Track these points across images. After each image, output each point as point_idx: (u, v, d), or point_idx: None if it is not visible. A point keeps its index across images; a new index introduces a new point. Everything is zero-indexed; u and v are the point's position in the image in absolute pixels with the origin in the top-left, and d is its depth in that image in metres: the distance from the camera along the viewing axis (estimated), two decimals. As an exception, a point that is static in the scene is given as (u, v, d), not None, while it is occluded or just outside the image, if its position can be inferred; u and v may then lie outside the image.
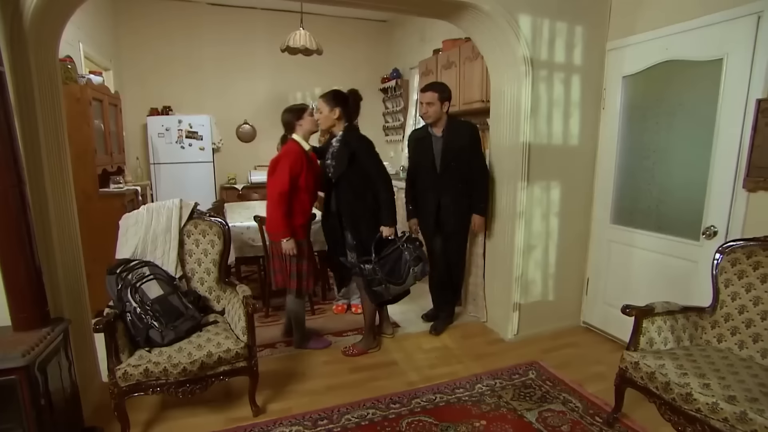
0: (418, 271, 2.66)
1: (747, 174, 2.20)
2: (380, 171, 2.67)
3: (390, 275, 2.63)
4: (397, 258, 2.66)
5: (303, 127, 2.65)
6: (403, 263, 2.66)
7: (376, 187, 2.65)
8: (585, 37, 2.92)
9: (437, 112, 2.86)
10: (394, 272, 2.64)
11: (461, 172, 2.92)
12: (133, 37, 5.27)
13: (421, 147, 3.00)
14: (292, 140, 2.64)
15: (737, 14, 2.21)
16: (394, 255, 2.66)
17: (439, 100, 2.84)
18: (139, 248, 2.31)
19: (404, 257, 2.66)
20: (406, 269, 2.66)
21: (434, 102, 2.84)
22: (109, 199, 3.36)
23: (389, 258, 2.65)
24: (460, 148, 2.88)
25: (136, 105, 5.27)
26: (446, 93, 2.88)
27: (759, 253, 1.96)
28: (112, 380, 1.87)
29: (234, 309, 2.28)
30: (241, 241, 3.35)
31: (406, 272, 2.66)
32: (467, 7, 2.67)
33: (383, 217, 2.66)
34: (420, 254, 2.71)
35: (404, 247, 2.68)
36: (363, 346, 2.87)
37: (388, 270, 2.63)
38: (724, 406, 1.60)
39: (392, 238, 2.69)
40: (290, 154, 2.55)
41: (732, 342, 1.98)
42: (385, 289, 2.64)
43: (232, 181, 5.80)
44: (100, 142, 3.51)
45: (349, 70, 6.21)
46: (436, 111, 2.85)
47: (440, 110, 2.86)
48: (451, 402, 2.32)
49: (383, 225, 2.67)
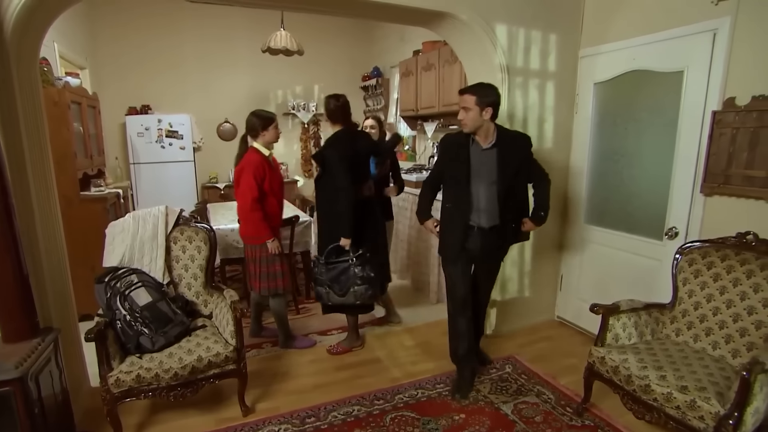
0: (359, 292, 2.69)
1: (704, 179, 2.37)
2: (340, 178, 2.61)
3: (333, 282, 2.72)
4: (343, 270, 2.71)
5: (265, 137, 2.74)
6: (348, 277, 2.71)
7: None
8: (559, 45, 3.04)
9: (475, 120, 2.23)
10: (338, 282, 2.72)
11: (517, 194, 2.40)
12: (110, 34, 5.17)
13: (457, 156, 2.36)
14: (252, 149, 2.74)
15: (696, 30, 2.36)
16: (341, 266, 2.72)
17: (478, 104, 2.21)
18: (127, 256, 2.35)
19: (351, 272, 2.70)
20: (349, 284, 2.71)
21: (471, 107, 2.22)
22: (90, 203, 3.35)
23: (336, 267, 2.72)
24: (518, 165, 2.34)
25: (114, 104, 5.20)
26: (490, 97, 2.23)
27: (712, 254, 2.13)
28: (104, 387, 1.92)
29: (222, 313, 2.34)
30: (225, 243, 3.40)
31: (348, 287, 2.71)
32: (445, 16, 2.75)
33: (340, 228, 2.69)
34: (369, 278, 2.70)
35: (353, 263, 2.70)
36: (347, 344, 2.97)
37: (332, 277, 2.72)
38: (677, 396, 1.76)
39: (347, 249, 2.71)
40: (251, 164, 2.64)
41: (688, 336, 2.16)
42: (326, 293, 2.74)
43: (213, 180, 5.79)
44: (80, 145, 3.49)
45: (330, 67, 6.23)
46: (474, 118, 2.23)
47: (479, 117, 2.23)
48: (432, 397, 2.45)
49: (341, 235, 2.69)
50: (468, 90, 2.29)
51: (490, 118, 2.26)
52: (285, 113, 6.12)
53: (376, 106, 6.16)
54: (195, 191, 5.47)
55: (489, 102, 2.23)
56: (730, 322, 2.02)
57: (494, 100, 2.25)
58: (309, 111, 6.15)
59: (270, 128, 2.74)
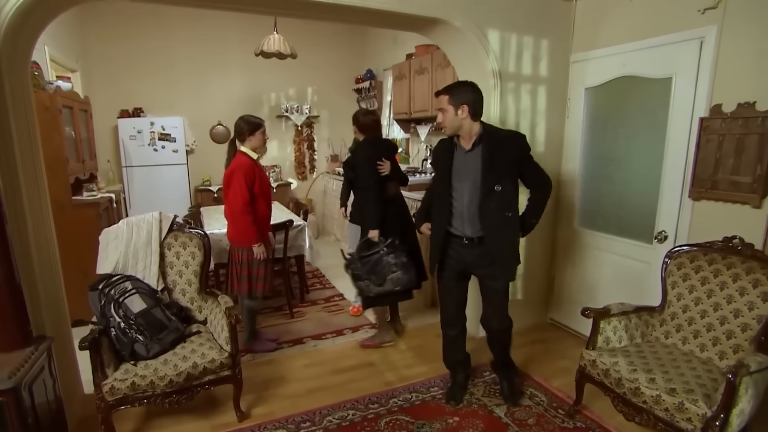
0: (395, 278, 2.75)
1: (692, 184, 2.41)
2: (364, 179, 2.92)
3: (371, 274, 2.80)
4: (377, 260, 2.81)
5: (251, 142, 2.77)
6: (383, 266, 2.79)
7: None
8: (550, 50, 3.08)
9: (453, 120, 2.14)
10: (374, 272, 2.80)
11: (504, 200, 2.17)
12: (101, 36, 5.13)
13: (442, 161, 2.31)
14: (241, 152, 2.77)
15: (684, 38, 2.40)
16: (374, 257, 2.82)
17: (452, 104, 2.12)
18: (120, 262, 2.34)
19: (384, 261, 2.79)
20: (385, 273, 2.79)
21: (446, 107, 2.14)
22: (82, 208, 3.33)
23: (370, 259, 2.82)
24: (506, 167, 2.15)
25: (106, 107, 5.16)
26: (464, 94, 2.12)
27: (700, 257, 2.17)
28: (99, 395, 1.92)
29: (217, 319, 2.35)
30: (219, 248, 3.39)
31: (385, 275, 2.79)
32: (438, 23, 2.78)
33: (366, 222, 2.90)
34: (403, 264, 2.75)
35: (384, 252, 2.80)
36: (378, 340, 3.14)
37: (368, 269, 2.80)
38: (666, 398, 1.80)
39: (376, 241, 2.85)
40: (241, 166, 2.67)
41: (677, 338, 2.20)
42: (366, 285, 2.80)
43: (206, 182, 5.77)
44: (72, 150, 3.46)
45: (323, 70, 6.24)
46: (450, 119, 2.14)
47: (456, 117, 2.12)
48: (426, 400, 2.47)
49: (368, 228, 2.89)
50: (442, 90, 2.20)
51: (469, 117, 2.13)
52: (278, 116, 6.12)
53: (369, 109, 6.17)
54: (188, 194, 5.45)
55: (463, 100, 2.11)
56: (717, 324, 2.06)
57: (469, 98, 2.12)
58: (302, 113, 6.15)
59: (257, 133, 2.76)
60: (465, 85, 2.20)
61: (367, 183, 2.91)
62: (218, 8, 2.86)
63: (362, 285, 2.82)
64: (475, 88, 2.18)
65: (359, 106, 6.49)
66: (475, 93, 2.16)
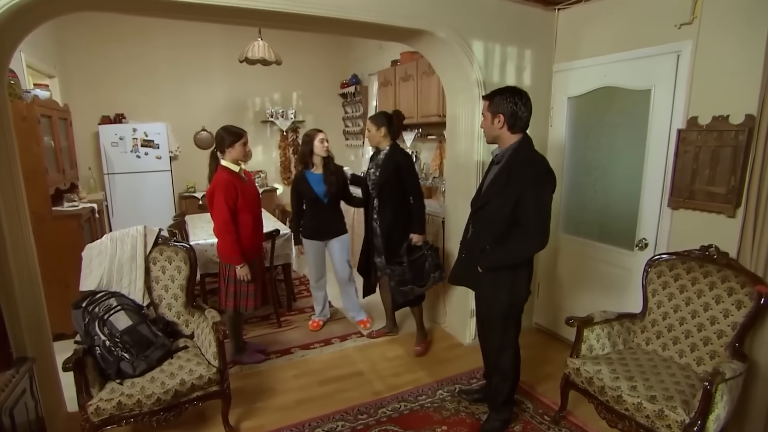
0: (436, 277, 2.95)
1: (671, 194, 2.48)
2: (417, 184, 2.98)
3: (416, 278, 2.93)
4: (422, 263, 2.94)
5: (231, 154, 2.70)
6: (426, 268, 2.94)
7: (413, 197, 2.97)
8: (533, 60, 3.13)
9: (489, 129, 2.09)
10: (418, 276, 2.94)
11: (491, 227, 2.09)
12: (80, 41, 5.02)
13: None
14: (222, 167, 2.69)
15: (662, 51, 2.47)
16: (420, 260, 2.94)
17: (489, 110, 2.08)
18: (105, 279, 2.31)
19: (427, 263, 2.94)
20: (428, 274, 2.94)
21: (485, 113, 2.11)
22: (63, 219, 3.26)
23: (416, 262, 2.94)
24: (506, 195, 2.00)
25: (87, 113, 5.05)
26: (502, 105, 2.01)
27: (679, 266, 2.24)
28: (84, 416, 1.89)
29: (204, 334, 2.33)
30: (205, 258, 3.36)
31: (427, 276, 2.95)
32: (423, 34, 2.80)
33: (415, 225, 2.96)
34: (439, 261, 2.99)
35: (428, 254, 2.95)
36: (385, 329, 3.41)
37: (415, 273, 2.94)
38: (646, 405, 1.86)
39: (419, 245, 2.96)
40: (220, 184, 2.59)
41: (657, 345, 2.26)
42: (411, 289, 2.94)
43: (191, 189, 5.70)
44: (51, 159, 3.39)
45: (308, 75, 6.21)
46: (487, 126, 2.10)
47: (492, 126, 2.07)
48: (414, 409, 2.49)
49: (414, 232, 2.95)
50: (486, 95, 2.11)
51: (506, 129, 1.99)
52: (263, 121, 6.07)
53: (355, 113, 6.18)
54: (172, 201, 5.38)
55: (500, 109, 1.98)
56: (695, 331, 2.13)
57: (507, 109, 1.96)
58: (287, 118, 6.11)
59: (237, 145, 2.67)
60: (506, 92, 2.01)
61: (419, 186, 2.97)
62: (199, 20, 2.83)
63: (406, 289, 2.94)
64: (517, 99, 1.98)
65: (345, 111, 6.49)
66: (515, 104, 1.96)
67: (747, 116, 2.13)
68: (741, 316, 1.98)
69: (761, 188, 1.98)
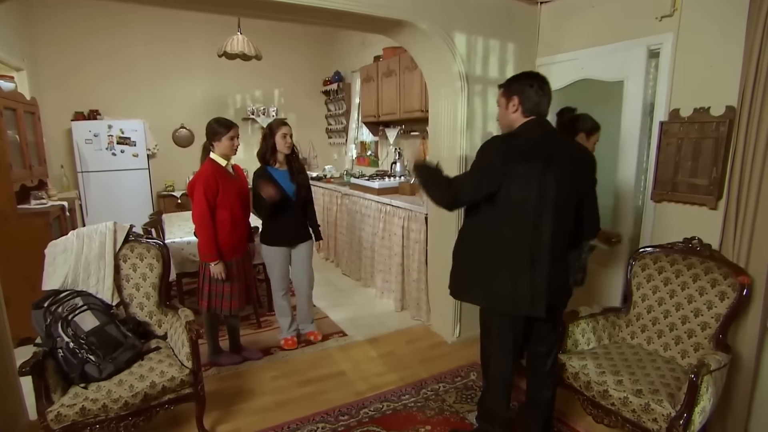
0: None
1: (654, 187, 2.47)
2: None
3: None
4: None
5: (217, 148, 2.61)
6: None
7: None
8: (516, 54, 3.11)
9: (503, 116, 1.94)
10: None
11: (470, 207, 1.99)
12: (51, 34, 4.83)
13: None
14: (209, 160, 2.60)
15: (633, 45, 2.49)
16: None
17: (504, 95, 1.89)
18: (70, 277, 2.18)
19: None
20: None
21: (499, 101, 1.95)
22: (29, 218, 3.11)
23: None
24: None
25: (58, 109, 4.87)
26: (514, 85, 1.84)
27: (663, 259, 2.22)
28: (44, 423, 1.77)
29: (177, 334, 2.23)
30: (181, 257, 3.25)
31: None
32: (405, 25, 2.75)
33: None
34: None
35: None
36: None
37: None
38: (632, 399, 1.82)
39: None
40: (201, 177, 2.51)
41: (642, 338, 2.24)
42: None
43: (169, 188, 5.54)
44: (17, 155, 3.24)
45: (290, 71, 6.12)
46: (501, 114, 1.95)
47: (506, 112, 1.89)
48: (397, 409, 2.43)
49: None
50: (501, 83, 1.91)
51: (520, 112, 1.78)
52: (244, 118, 5.95)
53: (338, 111, 6.10)
54: (150, 200, 5.21)
55: (515, 91, 1.78)
56: (679, 324, 2.11)
57: (522, 89, 1.76)
58: (269, 116, 6.00)
59: (224, 138, 2.57)
60: (522, 75, 1.83)
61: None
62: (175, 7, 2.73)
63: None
64: (533, 80, 1.78)
65: (327, 108, 6.41)
66: (531, 85, 1.76)
67: (728, 108, 2.12)
68: (724, 307, 1.96)
69: (742, 179, 1.97)
